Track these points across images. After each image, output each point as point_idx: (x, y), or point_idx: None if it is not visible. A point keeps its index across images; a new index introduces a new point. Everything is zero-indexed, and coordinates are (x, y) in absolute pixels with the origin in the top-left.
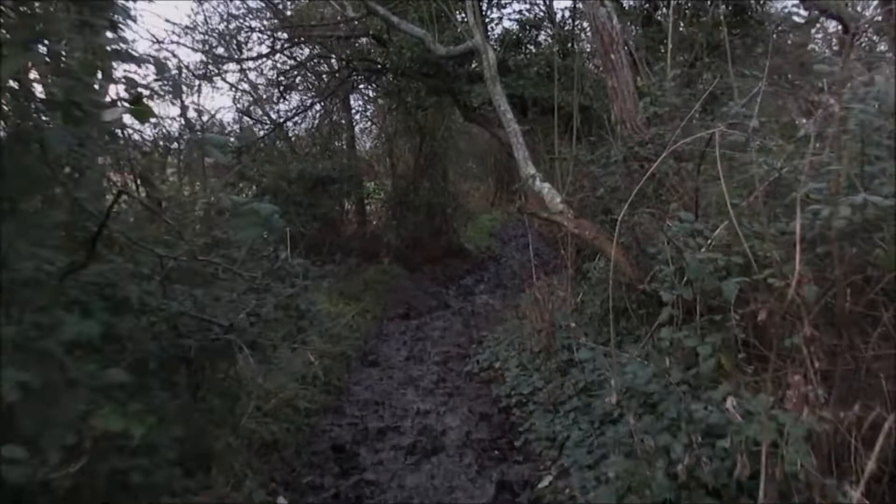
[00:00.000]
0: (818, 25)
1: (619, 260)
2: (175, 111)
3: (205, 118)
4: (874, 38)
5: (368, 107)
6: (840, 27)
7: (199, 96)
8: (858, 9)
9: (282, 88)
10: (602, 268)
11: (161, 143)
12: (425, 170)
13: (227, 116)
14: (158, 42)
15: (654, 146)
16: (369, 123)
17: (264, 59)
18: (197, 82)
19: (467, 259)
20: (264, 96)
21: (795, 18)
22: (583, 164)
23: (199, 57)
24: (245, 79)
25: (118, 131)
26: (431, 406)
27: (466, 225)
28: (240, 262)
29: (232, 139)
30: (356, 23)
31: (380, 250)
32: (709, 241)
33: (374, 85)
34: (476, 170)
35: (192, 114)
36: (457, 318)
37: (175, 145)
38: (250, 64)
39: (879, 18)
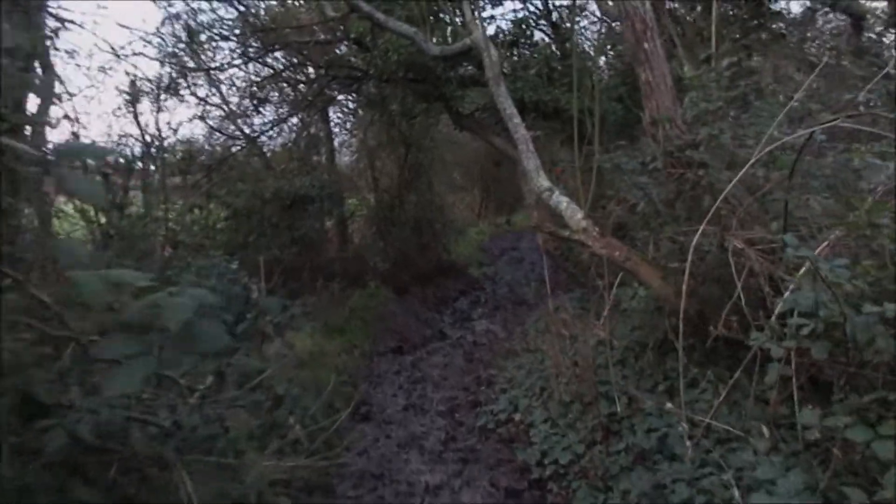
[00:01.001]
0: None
1: (661, 287)
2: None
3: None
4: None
5: (349, 119)
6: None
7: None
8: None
9: (255, 101)
10: (642, 296)
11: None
12: (410, 182)
13: (197, 131)
14: (115, 53)
15: (706, 149)
16: (349, 136)
17: (236, 69)
18: (161, 95)
19: (459, 277)
20: (237, 110)
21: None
22: (625, 173)
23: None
24: (216, 91)
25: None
26: (442, 478)
27: (456, 240)
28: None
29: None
30: (336, 27)
31: (365, 272)
32: (852, 278)
33: (354, 94)
34: (461, 180)
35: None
36: (457, 352)
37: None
38: (221, 76)
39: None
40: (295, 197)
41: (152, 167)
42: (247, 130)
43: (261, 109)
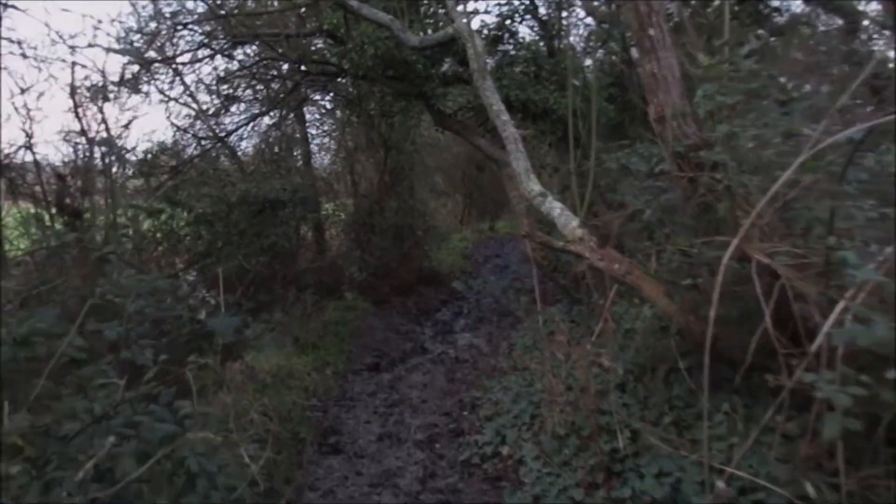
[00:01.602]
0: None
1: (667, 305)
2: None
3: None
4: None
5: (326, 119)
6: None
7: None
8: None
9: (223, 98)
10: (647, 316)
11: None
12: (391, 187)
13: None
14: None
15: (724, 149)
16: (327, 138)
17: (201, 63)
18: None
19: (442, 287)
20: (204, 107)
21: None
22: (633, 175)
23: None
24: (181, 83)
25: None
26: None
27: (439, 247)
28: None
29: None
30: (307, 18)
31: (342, 282)
32: None
33: (330, 93)
34: (444, 185)
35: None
36: (438, 368)
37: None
38: (186, 70)
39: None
40: (265, 201)
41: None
42: (217, 130)
43: (229, 107)
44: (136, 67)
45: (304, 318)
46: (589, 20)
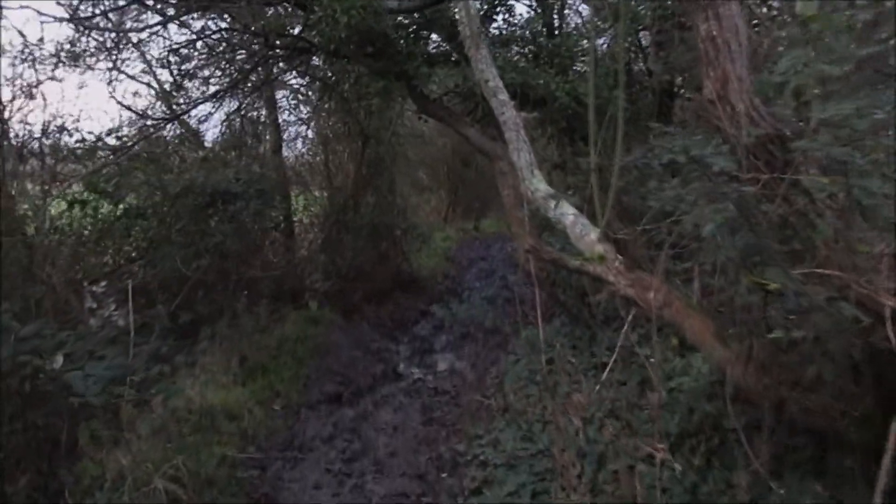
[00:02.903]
0: None
1: (721, 353)
2: None
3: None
4: None
5: (299, 104)
6: None
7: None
8: None
9: (177, 73)
10: (701, 370)
11: None
12: (369, 181)
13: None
14: None
15: (829, 140)
16: (301, 124)
17: (153, 33)
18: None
19: (421, 294)
20: (156, 84)
21: None
22: (706, 173)
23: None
24: (129, 53)
25: None
26: None
27: (420, 248)
28: None
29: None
30: None
31: (305, 289)
32: None
33: (300, 70)
34: (426, 180)
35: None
36: (413, 403)
37: None
38: (137, 41)
39: None
40: (213, 194)
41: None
42: (174, 110)
43: (183, 84)
44: (75, 35)
45: (257, 333)
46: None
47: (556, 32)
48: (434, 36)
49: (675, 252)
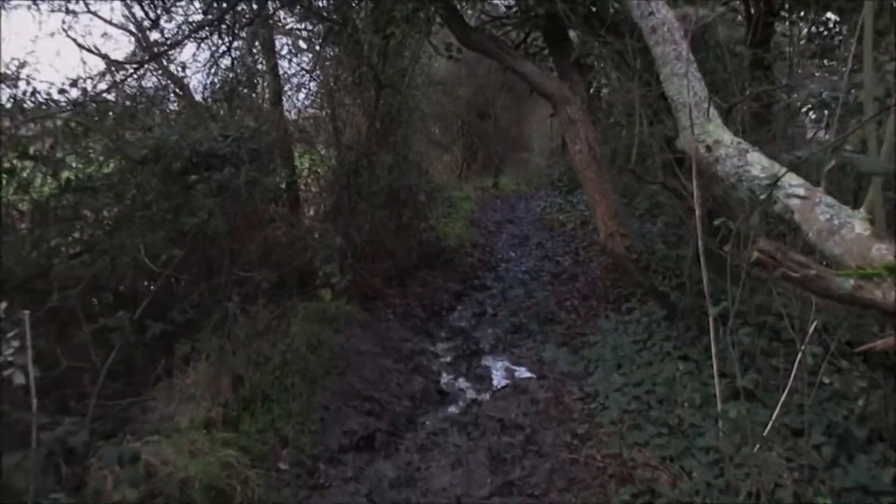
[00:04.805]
0: None
1: None
2: None
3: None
4: None
5: (301, 53)
6: None
7: None
8: None
9: (150, 6)
10: None
11: None
12: (384, 137)
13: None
14: None
15: None
16: (304, 75)
17: None
18: None
19: (450, 270)
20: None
21: None
22: None
23: None
24: None
25: None
26: None
27: (446, 215)
28: None
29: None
30: None
31: (315, 275)
32: None
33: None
34: (441, 136)
35: None
36: (475, 450)
37: None
38: None
39: None
40: (193, 156)
41: None
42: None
43: (159, 21)
44: None
45: (255, 339)
46: None
47: None
48: None
49: None
